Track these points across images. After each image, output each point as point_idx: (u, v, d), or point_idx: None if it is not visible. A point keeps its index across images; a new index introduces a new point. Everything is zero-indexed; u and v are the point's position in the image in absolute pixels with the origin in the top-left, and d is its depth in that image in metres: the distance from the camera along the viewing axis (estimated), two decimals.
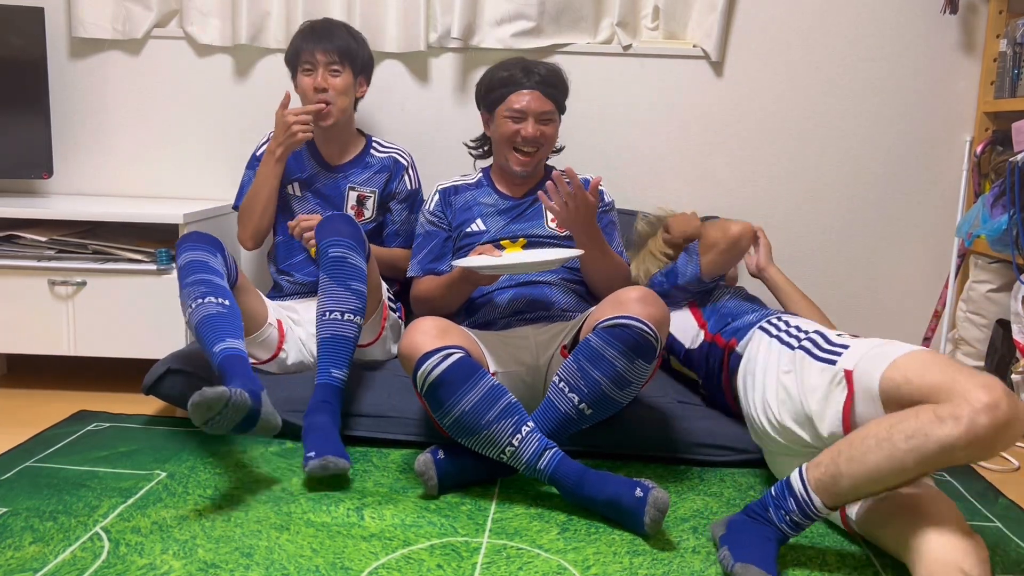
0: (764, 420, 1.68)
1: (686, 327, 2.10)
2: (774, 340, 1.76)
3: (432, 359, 1.63)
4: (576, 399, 1.68)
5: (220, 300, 1.81)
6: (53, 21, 2.59)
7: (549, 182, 1.89)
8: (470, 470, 1.74)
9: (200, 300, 1.80)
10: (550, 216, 2.14)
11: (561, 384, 1.69)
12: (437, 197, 2.21)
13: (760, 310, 1.99)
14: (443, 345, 1.65)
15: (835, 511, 1.47)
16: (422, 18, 2.53)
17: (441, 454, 1.72)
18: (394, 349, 2.25)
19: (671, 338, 2.11)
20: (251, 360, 2.02)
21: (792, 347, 1.69)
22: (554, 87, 2.10)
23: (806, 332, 1.71)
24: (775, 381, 1.67)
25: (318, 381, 1.85)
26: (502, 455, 1.64)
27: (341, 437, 1.81)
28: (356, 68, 2.28)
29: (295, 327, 2.16)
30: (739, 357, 1.85)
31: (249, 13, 2.55)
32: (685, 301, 2.15)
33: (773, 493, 1.45)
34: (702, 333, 2.03)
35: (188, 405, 1.53)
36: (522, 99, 2.06)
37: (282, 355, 2.10)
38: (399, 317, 2.30)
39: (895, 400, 1.41)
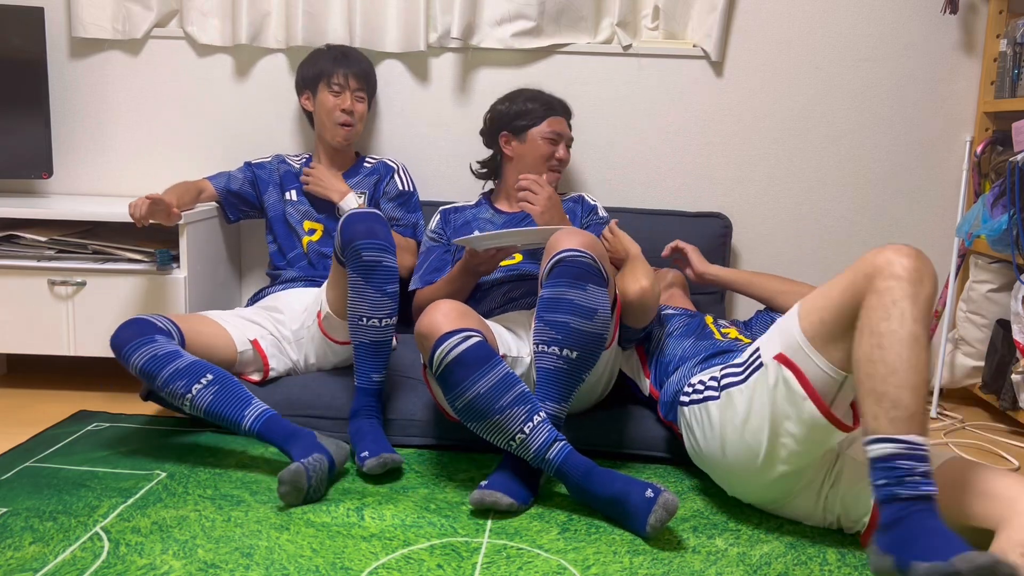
0: (765, 468, 1.56)
1: (637, 373, 2.03)
2: (697, 408, 1.68)
3: (451, 339, 1.63)
4: (557, 350, 1.68)
5: (204, 380, 1.78)
6: (53, 21, 2.59)
7: (525, 190, 2.09)
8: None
9: (188, 394, 1.77)
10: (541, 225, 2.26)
11: (539, 347, 1.71)
12: (438, 217, 2.36)
13: (684, 364, 1.85)
14: (463, 327, 1.66)
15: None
16: (422, 18, 2.53)
17: (486, 482, 1.69)
18: None
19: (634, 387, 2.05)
20: (247, 380, 2.06)
21: (716, 397, 1.62)
22: (571, 116, 2.38)
23: (713, 377, 1.66)
24: (741, 439, 1.56)
25: (359, 384, 1.89)
26: (511, 443, 1.63)
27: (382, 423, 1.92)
28: (371, 97, 2.47)
29: (279, 328, 2.14)
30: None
31: (249, 13, 2.55)
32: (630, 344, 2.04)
33: (885, 479, 1.28)
34: (647, 383, 1.98)
35: (279, 495, 1.64)
36: (558, 124, 2.30)
37: (272, 373, 2.10)
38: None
39: (827, 337, 1.42)
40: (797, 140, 2.61)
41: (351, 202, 2.31)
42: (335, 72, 2.35)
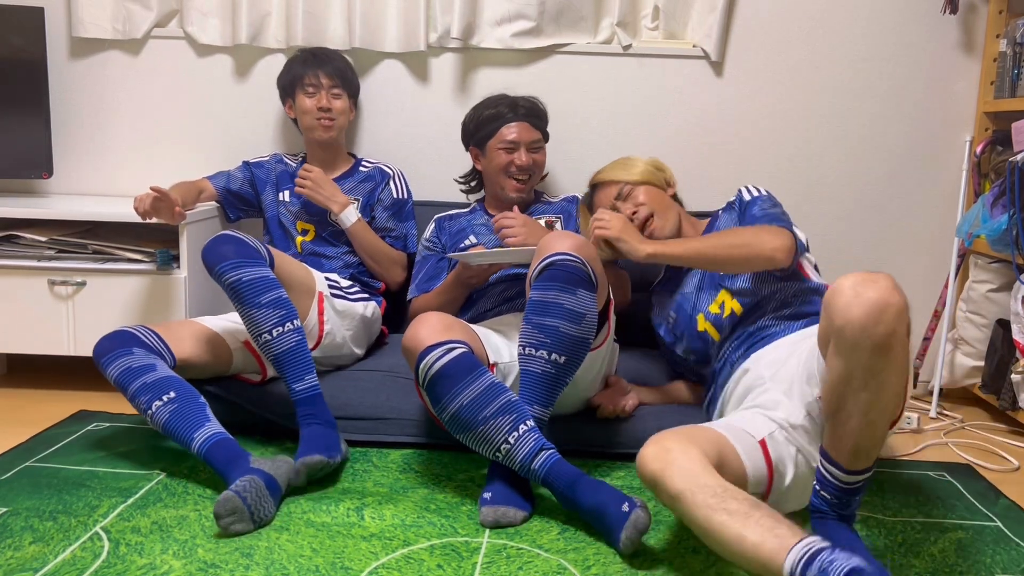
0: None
1: None
2: None
3: (434, 353, 1.63)
4: (545, 354, 1.66)
5: (166, 398, 1.74)
6: (53, 21, 2.58)
7: (501, 229, 2.02)
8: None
9: (149, 410, 1.74)
10: None
11: (526, 350, 1.68)
12: (433, 226, 2.35)
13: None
14: (446, 340, 1.65)
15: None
16: (422, 18, 2.53)
17: (489, 495, 1.66)
18: (358, 350, 2.24)
19: None
20: (247, 381, 2.05)
21: None
22: (539, 118, 2.29)
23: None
24: None
25: (292, 399, 1.85)
26: (497, 453, 1.62)
27: (334, 431, 1.84)
28: (351, 94, 2.43)
29: None
30: None
31: (249, 13, 2.55)
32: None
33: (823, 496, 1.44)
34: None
35: (224, 529, 1.54)
36: (512, 131, 2.22)
37: (270, 373, 2.09)
38: (376, 308, 2.32)
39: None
40: (797, 140, 2.61)
41: (351, 215, 2.28)
42: (307, 74, 2.34)
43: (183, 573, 1.40)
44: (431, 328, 1.68)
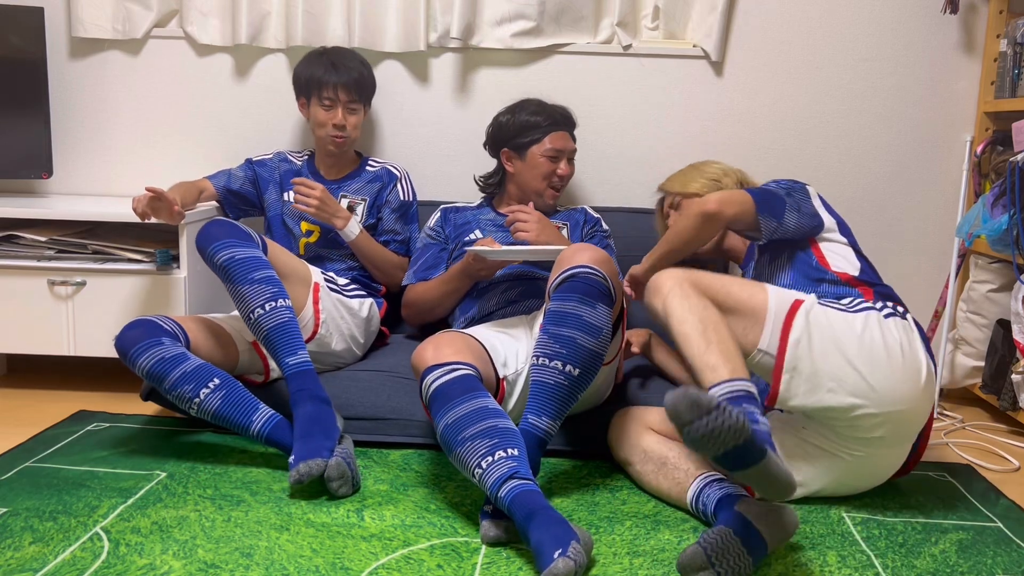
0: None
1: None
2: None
3: (437, 371, 1.64)
4: (560, 364, 1.65)
5: (212, 385, 1.80)
6: (53, 21, 2.58)
7: (514, 222, 2.10)
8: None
9: (196, 398, 1.79)
10: None
11: (539, 360, 1.66)
12: (438, 214, 2.36)
13: None
14: (451, 361, 1.65)
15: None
16: (422, 18, 2.53)
17: (490, 507, 1.60)
18: (356, 349, 2.23)
19: None
20: (250, 381, 2.05)
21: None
22: (574, 127, 2.33)
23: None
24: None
25: (284, 375, 1.85)
26: (472, 477, 1.56)
27: (328, 407, 1.83)
28: (367, 102, 2.41)
29: None
30: None
31: (249, 13, 2.54)
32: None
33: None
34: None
35: (333, 491, 1.70)
36: (559, 140, 2.25)
37: (272, 374, 2.09)
38: (374, 306, 2.31)
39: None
40: (797, 140, 2.61)
41: (354, 229, 2.27)
42: (325, 85, 2.28)
43: (183, 573, 1.40)
44: (440, 347, 1.68)
